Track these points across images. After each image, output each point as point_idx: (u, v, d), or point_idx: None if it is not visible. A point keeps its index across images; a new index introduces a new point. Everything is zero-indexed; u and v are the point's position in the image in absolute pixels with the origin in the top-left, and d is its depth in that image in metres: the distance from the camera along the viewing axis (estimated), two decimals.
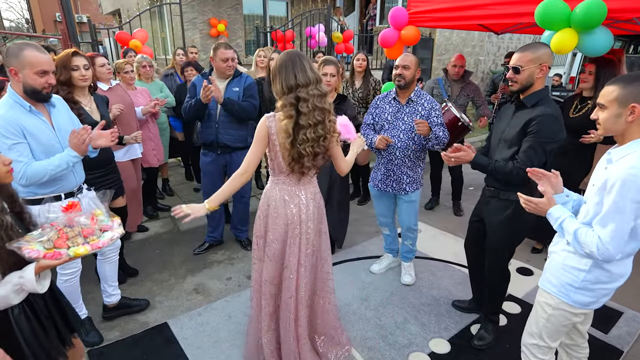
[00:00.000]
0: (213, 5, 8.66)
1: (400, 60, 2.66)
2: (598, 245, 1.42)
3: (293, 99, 1.76)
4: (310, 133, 1.78)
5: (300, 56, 1.81)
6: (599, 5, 2.35)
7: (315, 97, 1.77)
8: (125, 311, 2.72)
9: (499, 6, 2.99)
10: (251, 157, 1.90)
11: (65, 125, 2.11)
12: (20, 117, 1.89)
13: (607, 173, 1.44)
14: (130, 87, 3.75)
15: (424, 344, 2.46)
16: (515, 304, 2.82)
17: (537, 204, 1.61)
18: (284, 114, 1.78)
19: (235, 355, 2.35)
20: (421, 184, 2.88)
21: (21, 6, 27.88)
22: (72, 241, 1.39)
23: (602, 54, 2.70)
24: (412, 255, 3.14)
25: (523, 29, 4.21)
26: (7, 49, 1.90)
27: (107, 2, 13.11)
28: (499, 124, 2.27)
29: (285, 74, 1.77)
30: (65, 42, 4.39)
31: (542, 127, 1.94)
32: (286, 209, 1.95)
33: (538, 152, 1.96)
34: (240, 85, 3.20)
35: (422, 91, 2.75)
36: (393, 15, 3.61)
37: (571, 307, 1.62)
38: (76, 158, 1.99)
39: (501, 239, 2.26)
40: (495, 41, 11.36)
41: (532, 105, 2.03)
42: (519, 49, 2.05)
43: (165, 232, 3.96)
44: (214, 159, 3.29)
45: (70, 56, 2.45)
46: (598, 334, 2.50)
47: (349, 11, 11.54)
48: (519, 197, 1.67)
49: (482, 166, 2.13)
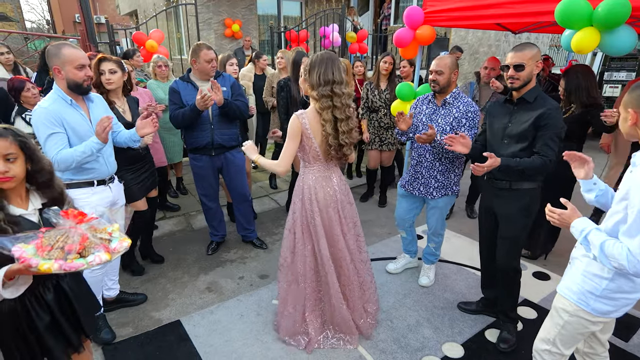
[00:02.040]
0: (228, 5, 8.74)
1: (433, 64, 2.60)
2: (628, 257, 1.32)
3: (329, 91, 2.02)
4: (346, 125, 2.08)
5: (337, 58, 2.08)
6: (622, 3, 2.28)
7: (346, 95, 2.06)
8: (123, 305, 2.77)
9: (517, 5, 2.92)
10: (287, 152, 2.12)
11: (99, 117, 2.26)
12: (62, 110, 2.12)
13: (630, 180, 1.39)
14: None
15: (437, 348, 2.43)
16: (531, 309, 2.76)
17: (561, 215, 1.55)
18: (321, 104, 2.04)
19: (247, 354, 2.36)
20: (453, 192, 2.79)
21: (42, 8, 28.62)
22: (49, 254, 1.26)
23: (624, 54, 2.63)
24: (434, 259, 3.09)
25: (542, 28, 4.12)
26: (47, 51, 2.14)
27: (125, 3, 13.34)
28: (495, 121, 2.32)
29: (325, 69, 2.01)
30: (84, 42, 4.48)
31: (553, 120, 2.07)
32: (324, 190, 2.24)
33: (556, 142, 2.10)
34: (227, 85, 3.16)
35: (461, 93, 2.65)
36: (408, 14, 3.57)
37: (589, 314, 1.57)
38: (98, 145, 2.14)
39: (519, 227, 2.30)
40: (512, 41, 11.13)
41: (533, 100, 2.15)
42: (515, 49, 2.13)
43: (178, 230, 4.01)
44: (206, 162, 3.20)
45: (97, 61, 2.65)
46: (618, 342, 2.43)
47: (363, 11, 11.49)
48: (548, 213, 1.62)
49: (511, 167, 2.14)
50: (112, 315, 2.68)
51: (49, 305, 1.52)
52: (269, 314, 2.71)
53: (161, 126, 4.07)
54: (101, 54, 2.79)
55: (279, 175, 2.24)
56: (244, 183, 3.46)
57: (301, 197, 2.27)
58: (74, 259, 1.28)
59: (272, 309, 2.76)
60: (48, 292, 1.53)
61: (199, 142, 3.14)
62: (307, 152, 2.17)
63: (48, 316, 1.51)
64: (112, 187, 2.41)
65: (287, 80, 3.80)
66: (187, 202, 4.61)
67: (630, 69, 7.26)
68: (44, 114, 2.06)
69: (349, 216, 2.35)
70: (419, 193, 2.82)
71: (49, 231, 1.31)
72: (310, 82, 2.06)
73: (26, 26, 23.94)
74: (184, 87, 3.07)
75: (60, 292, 1.57)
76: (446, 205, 2.84)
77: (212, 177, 3.31)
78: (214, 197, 3.43)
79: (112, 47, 5.65)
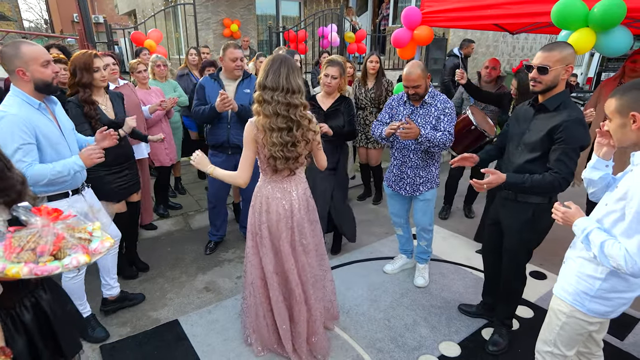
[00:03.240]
0: (226, 5, 8.74)
1: (405, 80, 2.57)
2: (626, 257, 1.33)
3: (259, 96, 1.86)
4: (278, 137, 1.85)
5: (284, 61, 1.85)
6: (618, 4, 2.30)
7: (280, 104, 1.82)
8: (124, 304, 2.75)
9: (515, 5, 2.94)
10: (245, 161, 1.98)
11: (65, 121, 2.16)
12: (32, 117, 1.90)
13: (629, 180, 1.40)
14: (144, 86, 3.81)
15: (433, 347, 2.44)
16: (527, 308, 2.78)
17: (565, 213, 1.56)
18: (254, 110, 1.90)
19: (245, 354, 2.37)
20: (436, 184, 2.85)
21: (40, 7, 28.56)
22: (17, 256, 1.13)
23: (620, 55, 2.64)
24: (426, 257, 3.11)
25: (539, 28, 4.14)
26: (3, 55, 1.87)
27: (123, 2, 13.33)
28: (516, 125, 2.20)
29: (262, 71, 1.87)
30: (82, 42, 4.48)
31: (570, 133, 1.88)
32: (278, 202, 2.06)
33: (572, 158, 1.90)
34: (251, 87, 3.20)
35: (436, 91, 2.71)
36: (406, 15, 3.58)
37: (586, 315, 1.58)
38: (81, 168, 2.04)
39: (520, 241, 2.21)
40: (510, 41, 11.19)
41: (554, 108, 1.97)
42: (544, 48, 1.96)
43: (176, 230, 4.01)
44: (224, 159, 3.28)
45: (92, 58, 2.50)
46: (613, 340, 2.45)
47: (361, 11, 11.51)
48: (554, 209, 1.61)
49: (517, 185, 2.00)
50: (110, 314, 2.69)
51: (26, 327, 1.35)
52: None
53: None
54: (92, 50, 2.73)
55: (239, 186, 2.09)
56: (254, 184, 3.45)
57: (253, 204, 2.14)
58: (48, 262, 1.14)
59: None
60: (26, 313, 1.36)
61: (217, 139, 3.24)
62: (261, 161, 2.02)
63: (23, 338, 1.35)
64: (84, 194, 2.27)
65: None
66: (186, 201, 4.61)
67: None
68: (14, 121, 1.82)
69: (308, 236, 2.16)
70: (406, 192, 2.85)
71: (19, 231, 1.17)
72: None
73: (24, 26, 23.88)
74: (211, 84, 3.16)
75: (39, 313, 1.41)
76: (433, 197, 2.87)
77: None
78: (223, 196, 3.47)
79: (111, 46, 5.66)
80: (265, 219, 2.08)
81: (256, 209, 2.11)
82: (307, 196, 2.19)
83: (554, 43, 1.96)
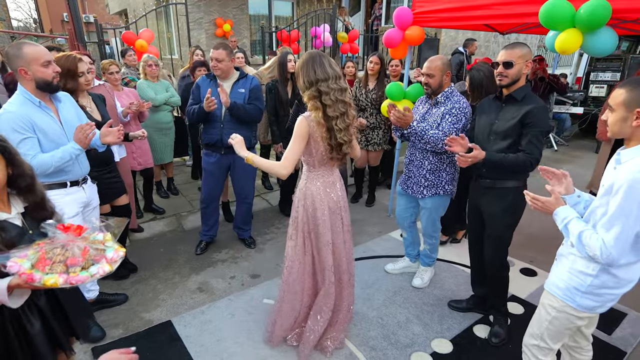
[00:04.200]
0: (219, 5, 8.71)
1: (424, 67, 2.62)
2: (602, 248, 1.40)
3: (315, 92, 1.96)
4: (341, 123, 1.99)
5: (320, 54, 2.01)
6: (603, 6, 2.34)
7: (336, 91, 1.96)
8: (103, 306, 2.73)
9: (504, 6, 2.98)
10: (292, 154, 2.02)
11: (71, 119, 2.22)
12: (31, 113, 2.01)
13: (615, 175, 1.43)
14: (115, 87, 3.64)
15: (426, 344, 2.46)
16: (518, 304, 2.81)
17: (544, 203, 1.58)
18: (311, 106, 1.99)
19: (238, 354, 2.37)
20: (445, 192, 2.74)
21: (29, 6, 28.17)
22: (52, 267, 1.27)
23: (606, 55, 2.69)
24: (429, 261, 3.07)
25: (529, 29, 4.20)
26: (7, 54, 2.00)
27: (114, 2, 13.21)
28: (483, 117, 2.36)
29: (306, 70, 1.97)
30: (72, 42, 4.43)
31: (539, 118, 2.10)
32: (328, 199, 2.17)
33: (541, 141, 2.13)
34: (246, 87, 3.21)
35: (453, 92, 2.62)
36: (397, 15, 3.60)
37: (576, 310, 1.61)
38: (79, 151, 2.11)
39: (503, 226, 2.33)
40: (501, 41, 11.29)
41: (521, 98, 2.17)
42: (506, 47, 2.18)
43: (169, 230, 4.00)
44: (217, 159, 3.29)
45: (76, 63, 2.50)
46: (601, 335, 2.49)
47: (354, 11, 11.53)
48: (525, 195, 1.66)
49: (495, 162, 2.17)
50: (103, 316, 2.67)
51: (40, 310, 1.49)
52: (260, 313, 2.72)
53: (152, 126, 4.08)
54: (75, 52, 2.68)
55: (280, 177, 2.11)
56: (250, 185, 3.50)
57: (303, 203, 2.18)
58: (78, 272, 1.29)
59: (264, 308, 2.77)
60: (41, 297, 1.50)
61: (210, 139, 3.25)
62: (313, 156, 2.10)
63: (39, 321, 1.48)
64: (85, 187, 2.34)
65: (275, 82, 3.82)
66: (178, 202, 4.59)
67: (615, 69, 7.41)
68: (11, 118, 1.95)
69: (346, 223, 2.32)
70: (412, 192, 2.83)
71: (48, 245, 1.30)
72: (300, 87, 2.05)
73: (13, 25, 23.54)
74: (206, 83, 3.17)
75: (52, 296, 1.55)
76: (437, 206, 2.80)
77: (221, 175, 3.37)
78: (216, 196, 3.48)
79: (101, 46, 5.60)
80: (322, 215, 2.16)
81: (309, 207, 2.17)
82: (344, 186, 2.32)
83: (514, 43, 2.18)
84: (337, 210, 2.21)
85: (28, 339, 1.46)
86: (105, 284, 2.86)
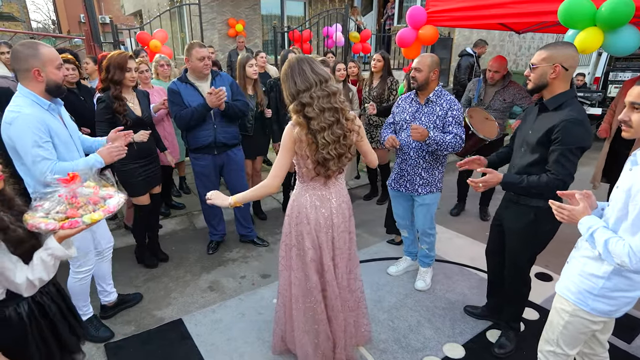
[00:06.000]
0: (231, 5, 8.76)
1: (414, 62, 2.64)
2: (630, 254, 1.33)
3: (298, 105, 1.74)
4: (329, 135, 1.74)
5: (300, 60, 1.77)
6: (626, 3, 2.27)
7: (321, 99, 1.72)
8: (123, 307, 2.75)
9: (520, 4, 2.91)
10: (279, 166, 1.84)
11: (70, 123, 2.20)
12: (45, 116, 1.94)
13: (632, 177, 1.39)
14: (147, 85, 3.77)
15: (437, 348, 2.42)
16: (533, 310, 2.75)
17: (571, 211, 1.52)
18: (294, 121, 1.77)
19: (248, 354, 2.37)
20: (438, 189, 2.79)
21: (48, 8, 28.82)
22: (84, 209, 1.39)
23: (628, 54, 2.61)
24: (428, 261, 3.07)
25: (545, 28, 4.10)
26: (18, 52, 1.85)
27: (129, 3, 13.41)
28: (523, 126, 2.17)
29: (288, 84, 1.76)
30: (89, 42, 4.51)
31: (567, 133, 1.83)
32: (317, 214, 1.94)
33: (570, 160, 1.85)
34: (225, 84, 3.16)
35: (443, 91, 2.67)
36: (411, 14, 3.56)
37: (589, 314, 1.57)
38: (101, 164, 2.09)
39: (520, 245, 2.20)
40: (516, 41, 11.13)
41: (554, 108, 1.94)
42: (542, 47, 1.97)
43: (181, 229, 4.03)
44: (209, 161, 3.24)
45: (126, 59, 2.72)
46: (620, 343, 2.42)
47: (366, 11, 11.48)
48: (551, 205, 1.58)
49: (514, 185, 2.00)
50: (116, 313, 2.70)
51: (52, 297, 1.54)
52: (270, 313, 2.71)
53: None
54: (125, 52, 2.85)
55: (271, 194, 1.97)
56: (243, 181, 3.49)
57: (289, 215, 2.01)
58: (106, 205, 1.44)
59: (274, 308, 2.76)
60: (51, 286, 1.56)
61: (203, 142, 3.16)
62: (300, 168, 1.91)
63: (55, 305, 1.54)
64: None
65: (277, 80, 3.81)
66: (190, 201, 4.62)
67: (635, 69, 7.21)
68: (30, 120, 1.85)
69: (345, 246, 2.05)
70: (406, 190, 2.83)
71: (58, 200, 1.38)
72: (285, 102, 1.83)
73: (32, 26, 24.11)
74: (184, 87, 3.08)
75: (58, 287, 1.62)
76: (432, 202, 2.82)
77: (214, 175, 3.35)
78: None
79: (116, 47, 5.68)
80: (306, 230, 1.95)
81: (293, 220, 1.98)
82: (346, 203, 2.05)
83: (554, 42, 1.95)
84: (326, 227, 1.95)
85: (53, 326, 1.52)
86: (119, 281, 2.89)
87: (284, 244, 2.06)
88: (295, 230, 1.98)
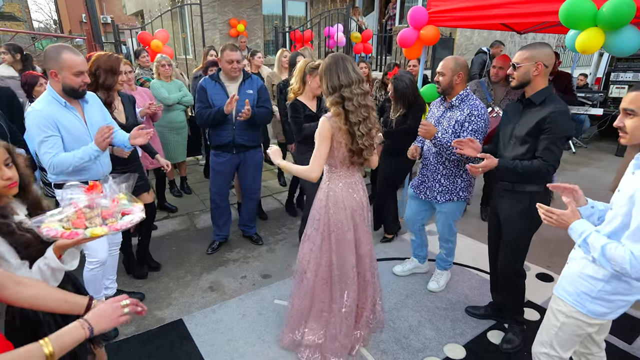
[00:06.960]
0: (233, 5, 8.77)
1: (439, 66, 2.59)
2: (631, 261, 1.30)
3: (338, 97, 1.95)
4: (363, 128, 1.98)
5: (343, 58, 1.98)
6: (628, 4, 2.27)
7: (359, 96, 1.95)
8: None
9: (521, 5, 2.91)
10: (319, 156, 2.02)
11: (97, 119, 2.30)
12: (56, 112, 2.10)
13: (635, 181, 1.37)
14: (130, 87, 3.62)
15: (438, 349, 2.42)
16: (534, 310, 2.75)
17: (560, 216, 1.51)
18: (333, 112, 1.97)
19: (249, 354, 2.37)
20: (460, 197, 2.68)
21: (50, 7, 28.86)
22: (90, 222, 1.37)
23: (629, 55, 2.61)
24: (445, 265, 3.04)
25: (547, 28, 4.10)
26: (45, 52, 2.08)
27: (131, 3, 13.42)
28: (507, 121, 2.30)
29: (330, 76, 1.95)
30: (90, 42, 4.51)
31: (557, 124, 2.01)
32: (351, 199, 2.15)
33: (559, 147, 2.05)
34: (254, 88, 3.20)
35: (470, 95, 2.55)
36: (412, 14, 3.56)
37: (585, 316, 1.56)
38: (97, 152, 2.16)
39: (518, 231, 2.27)
40: (518, 41, 11.09)
41: (540, 102, 2.09)
42: (522, 47, 2.14)
43: (182, 229, 4.03)
44: (227, 159, 3.30)
45: (119, 62, 2.65)
46: (621, 344, 2.41)
47: (368, 11, 11.48)
48: (538, 209, 1.59)
49: (508, 169, 2.13)
50: None
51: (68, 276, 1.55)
52: (271, 313, 2.72)
53: (165, 126, 4.13)
54: (115, 54, 2.78)
55: (310, 181, 2.07)
56: (257, 181, 3.54)
57: (325, 204, 2.16)
58: (115, 222, 1.40)
59: (274, 308, 2.77)
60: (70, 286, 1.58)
61: (222, 140, 3.24)
62: (335, 157, 2.08)
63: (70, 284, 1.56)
64: (105, 187, 2.35)
65: (287, 81, 3.81)
66: (191, 201, 4.63)
67: (637, 69, 7.19)
68: (37, 117, 2.04)
69: (368, 222, 2.31)
70: (425, 197, 2.79)
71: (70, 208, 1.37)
72: (323, 92, 2.05)
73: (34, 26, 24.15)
74: (212, 86, 3.14)
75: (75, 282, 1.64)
76: (452, 211, 2.75)
77: (230, 174, 3.40)
78: (225, 196, 3.51)
79: (118, 47, 5.70)
80: (344, 215, 2.14)
81: (331, 207, 2.15)
82: (364, 186, 2.28)
83: (532, 44, 2.12)
84: (360, 210, 2.20)
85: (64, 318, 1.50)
86: (119, 281, 2.89)
87: (320, 232, 2.20)
88: (334, 218, 2.16)
